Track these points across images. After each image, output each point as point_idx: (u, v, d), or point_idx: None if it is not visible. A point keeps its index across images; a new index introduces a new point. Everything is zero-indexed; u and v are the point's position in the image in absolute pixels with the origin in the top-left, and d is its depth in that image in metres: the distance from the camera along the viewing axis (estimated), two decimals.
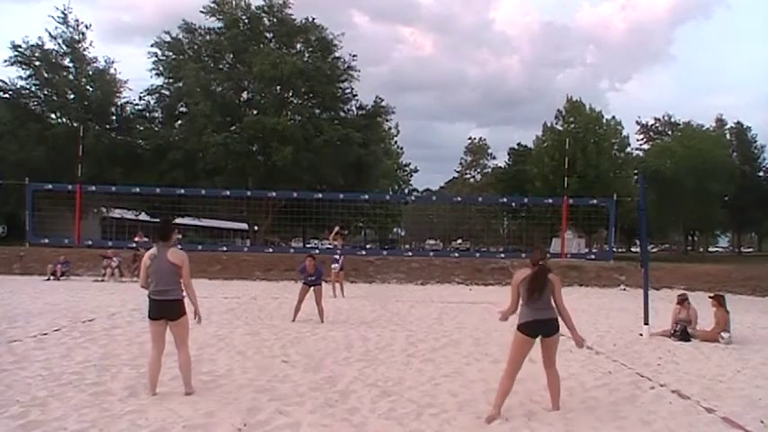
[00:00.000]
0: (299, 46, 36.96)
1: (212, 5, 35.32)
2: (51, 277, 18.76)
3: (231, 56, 36.34)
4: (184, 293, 5.41)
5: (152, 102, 36.56)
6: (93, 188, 14.99)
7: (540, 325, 5.07)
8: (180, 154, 32.50)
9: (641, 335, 9.77)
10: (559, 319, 5.13)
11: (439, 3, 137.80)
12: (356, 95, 38.15)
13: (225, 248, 24.22)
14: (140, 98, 36.25)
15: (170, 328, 5.43)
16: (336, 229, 16.19)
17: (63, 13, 33.57)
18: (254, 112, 34.77)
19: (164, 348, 5.47)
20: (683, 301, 10.11)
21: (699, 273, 22.93)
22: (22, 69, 32.97)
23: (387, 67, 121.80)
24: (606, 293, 19.54)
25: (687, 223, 48.35)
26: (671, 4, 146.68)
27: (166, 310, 5.32)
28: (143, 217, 36.98)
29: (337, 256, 15.69)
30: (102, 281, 18.84)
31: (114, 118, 35.43)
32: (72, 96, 33.63)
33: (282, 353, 7.76)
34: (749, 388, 6.43)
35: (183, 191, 15.41)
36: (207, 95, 33.29)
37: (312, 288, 10.84)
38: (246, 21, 35.83)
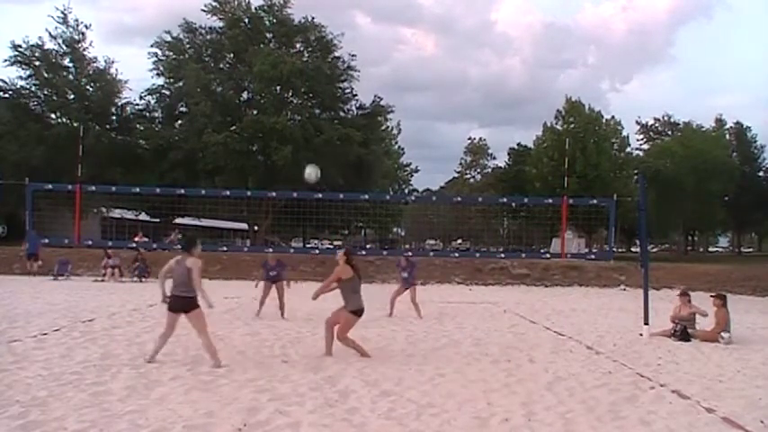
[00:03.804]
0: (298, 46, 36.96)
1: (213, 4, 35.32)
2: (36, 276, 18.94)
3: (231, 56, 36.31)
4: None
5: (152, 102, 36.56)
6: (93, 188, 14.89)
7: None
8: (180, 154, 32.46)
9: (641, 335, 9.78)
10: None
11: (440, 4, 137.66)
12: (356, 95, 38.15)
13: (225, 248, 24.14)
14: (141, 98, 36.29)
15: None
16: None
17: (63, 13, 33.55)
18: (254, 111, 34.71)
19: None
20: (684, 294, 10.16)
21: (699, 273, 22.94)
22: (22, 69, 32.95)
23: (388, 67, 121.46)
24: (606, 293, 19.56)
25: (687, 223, 48.36)
26: (672, 6, 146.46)
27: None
28: (143, 217, 37.00)
29: (406, 275, 13.51)
30: (102, 281, 18.86)
31: (114, 118, 35.37)
32: (72, 96, 33.56)
33: (282, 353, 7.78)
34: (749, 388, 6.43)
35: (183, 191, 15.31)
36: (207, 95, 33.27)
37: (274, 284, 11.28)
38: (247, 20, 35.84)
